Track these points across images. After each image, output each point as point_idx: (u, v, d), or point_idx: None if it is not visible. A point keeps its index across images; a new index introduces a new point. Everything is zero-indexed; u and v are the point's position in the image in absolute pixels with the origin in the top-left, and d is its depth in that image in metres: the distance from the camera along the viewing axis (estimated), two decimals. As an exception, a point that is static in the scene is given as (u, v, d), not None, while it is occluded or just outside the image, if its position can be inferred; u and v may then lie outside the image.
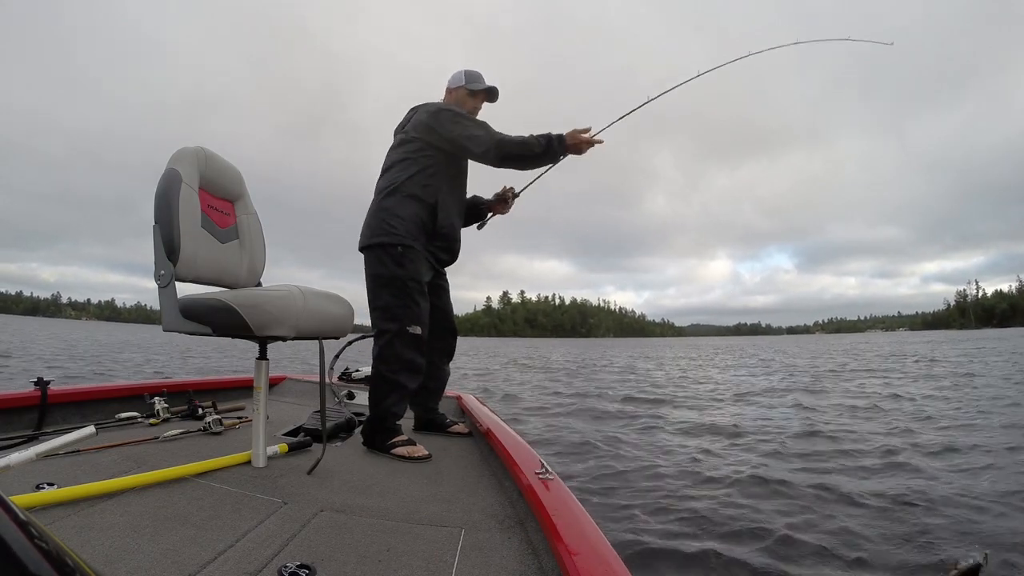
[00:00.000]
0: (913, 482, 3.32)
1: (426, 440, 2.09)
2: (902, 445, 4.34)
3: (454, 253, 2.25)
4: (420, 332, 2.00)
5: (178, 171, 1.58)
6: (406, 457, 1.87)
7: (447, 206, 2.15)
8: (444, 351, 2.33)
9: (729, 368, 15.18)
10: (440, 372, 2.32)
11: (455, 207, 2.21)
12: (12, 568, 0.23)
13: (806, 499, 3.00)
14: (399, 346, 1.98)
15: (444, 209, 2.14)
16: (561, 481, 1.36)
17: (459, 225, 2.26)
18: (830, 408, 6.72)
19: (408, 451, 1.89)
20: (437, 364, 2.28)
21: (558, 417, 6.14)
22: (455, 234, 2.22)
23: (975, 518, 2.66)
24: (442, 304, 2.28)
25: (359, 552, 1.10)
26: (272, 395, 3.09)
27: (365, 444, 1.98)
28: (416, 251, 2.06)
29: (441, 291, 2.30)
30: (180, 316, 1.49)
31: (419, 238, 2.08)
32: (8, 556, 0.23)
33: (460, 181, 2.26)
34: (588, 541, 1.02)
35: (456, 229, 2.23)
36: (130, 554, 1.00)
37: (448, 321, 2.33)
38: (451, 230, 2.19)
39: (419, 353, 2.02)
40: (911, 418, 5.77)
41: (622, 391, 8.91)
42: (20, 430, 1.91)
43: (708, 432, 5.16)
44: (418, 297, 2.03)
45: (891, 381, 10.09)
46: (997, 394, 7.52)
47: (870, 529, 2.56)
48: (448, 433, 2.29)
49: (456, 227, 2.23)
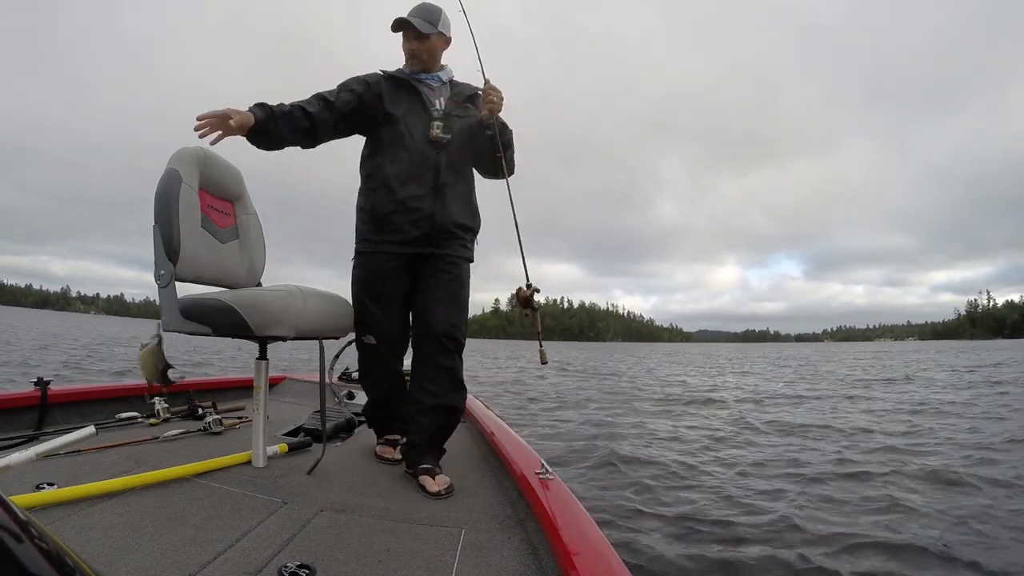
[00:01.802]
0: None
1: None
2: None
3: (424, 221, 1.68)
4: (374, 342, 1.77)
5: (178, 171, 1.57)
6: (378, 456, 1.88)
7: (383, 176, 1.70)
8: (427, 369, 1.70)
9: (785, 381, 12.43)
10: (422, 396, 1.68)
11: (400, 169, 1.70)
12: (12, 568, 0.23)
13: (809, 499, 3.00)
14: (359, 354, 1.87)
15: (378, 180, 1.71)
16: (561, 481, 1.36)
17: (417, 189, 1.69)
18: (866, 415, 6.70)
19: (380, 450, 1.90)
20: (421, 386, 1.70)
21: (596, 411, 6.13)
22: (409, 201, 1.68)
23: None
24: (425, 299, 1.73)
25: (359, 552, 1.10)
26: (272, 395, 3.08)
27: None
28: (367, 253, 1.75)
29: (432, 279, 1.73)
30: (180, 316, 1.49)
31: (370, 234, 1.74)
32: (8, 556, 0.23)
33: (403, 143, 1.72)
34: (588, 541, 1.02)
35: (408, 193, 1.68)
36: (130, 554, 1.00)
37: (430, 324, 1.69)
38: (390, 198, 1.68)
39: (375, 363, 1.84)
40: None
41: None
42: (20, 430, 1.91)
43: (712, 432, 5.16)
44: (370, 303, 1.74)
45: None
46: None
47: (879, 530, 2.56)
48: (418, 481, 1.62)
49: (409, 191, 1.68)
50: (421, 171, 1.70)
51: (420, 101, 1.75)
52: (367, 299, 1.75)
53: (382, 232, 1.71)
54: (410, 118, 1.73)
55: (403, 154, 1.70)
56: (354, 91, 1.73)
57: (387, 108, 1.73)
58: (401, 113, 1.73)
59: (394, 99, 1.75)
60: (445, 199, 1.71)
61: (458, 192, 1.76)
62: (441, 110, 1.76)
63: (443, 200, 1.70)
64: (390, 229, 1.69)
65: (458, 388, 1.72)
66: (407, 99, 1.76)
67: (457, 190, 1.76)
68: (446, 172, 1.71)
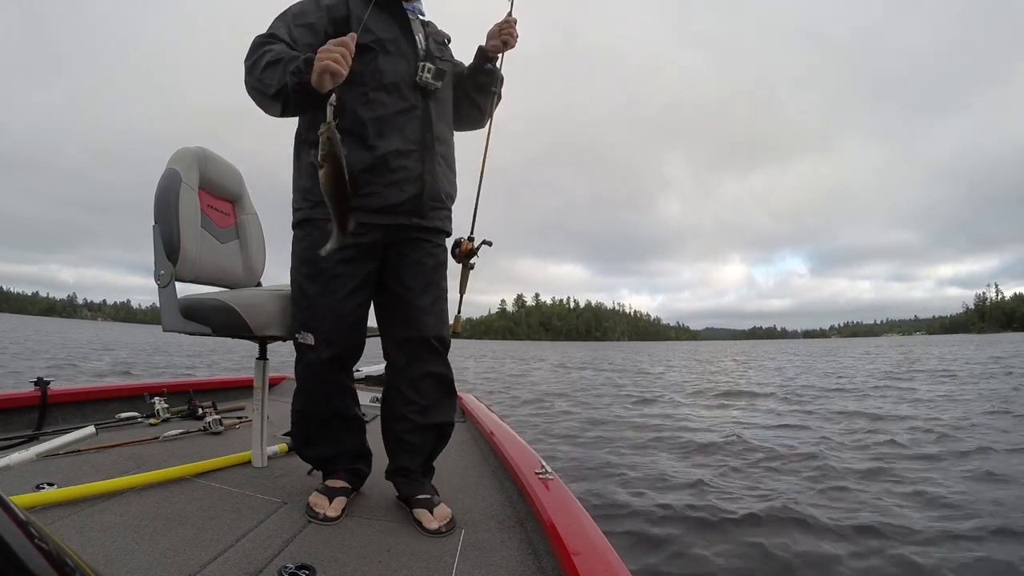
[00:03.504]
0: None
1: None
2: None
3: (411, 184, 1.33)
4: (311, 343, 1.34)
5: (178, 171, 1.58)
6: (309, 506, 1.30)
7: (354, 121, 1.29)
8: (413, 379, 1.38)
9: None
10: (409, 412, 1.38)
11: (378, 115, 1.31)
12: (12, 568, 0.23)
13: (815, 501, 2.99)
14: (295, 361, 1.41)
15: (344, 126, 1.23)
16: (561, 481, 1.36)
17: (400, 143, 1.31)
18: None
19: (313, 500, 1.31)
20: (407, 400, 1.39)
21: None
22: (391, 158, 1.30)
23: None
24: (407, 292, 1.38)
25: (359, 552, 1.10)
26: (272, 395, 3.09)
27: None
28: (317, 221, 1.30)
29: (416, 265, 1.39)
30: (180, 316, 1.49)
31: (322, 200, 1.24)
32: (8, 556, 0.23)
33: (382, 82, 1.32)
34: (588, 541, 1.02)
35: (391, 148, 1.30)
36: (130, 554, 1.00)
37: (415, 324, 1.37)
38: (364, 152, 1.29)
39: (313, 375, 1.37)
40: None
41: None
42: (20, 430, 1.91)
43: (716, 434, 5.15)
44: (308, 285, 1.34)
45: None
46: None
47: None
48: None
49: (391, 144, 1.30)
50: (405, 121, 1.32)
51: (403, 30, 1.36)
52: (306, 281, 1.34)
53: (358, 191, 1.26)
54: (393, 50, 1.32)
55: (382, 96, 1.30)
56: (314, 29, 1.29)
57: (360, 32, 1.20)
58: (376, 41, 1.30)
59: (372, 21, 1.29)
60: (435, 160, 1.37)
61: (446, 155, 1.43)
62: (424, 48, 1.39)
63: (432, 162, 1.36)
64: (363, 193, 1.27)
65: (450, 395, 1.44)
66: (388, 25, 1.34)
67: (445, 151, 1.43)
68: (437, 125, 1.38)
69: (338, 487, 1.35)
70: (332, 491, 1.33)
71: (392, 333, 1.41)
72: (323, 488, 1.35)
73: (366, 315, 1.40)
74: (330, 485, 1.36)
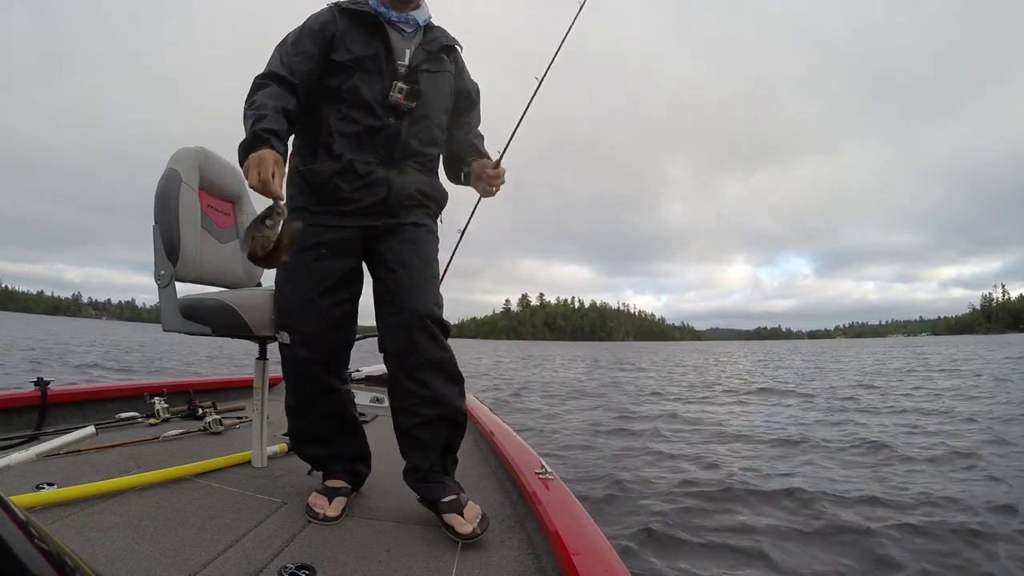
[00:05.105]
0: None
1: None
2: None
3: (379, 186, 1.34)
4: (287, 341, 1.35)
5: (178, 171, 1.58)
6: (309, 507, 1.32)
7: (327, 131, 1.35)
8: (413, 369, 1.31)
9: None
10: (417, 405, 1.31)
11: (349, 129, 1.34)
12: (12, 568, 0.23)
13: (815, 496, 2.99)
14: (281, 365, 1.42)
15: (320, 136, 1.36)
16: (561, 481, 1.36)
17: (369, 156, 1.34)
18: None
19: (313, 500, 1.33)
20: (411, 393, 1.32)
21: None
22: (357, 164, 1.32)
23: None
24: (390, 278, 1.35)
25: (359, 552, 1.10)
26: (272, 395, 3.09)
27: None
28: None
29: (398, 248, 1.36)
30: (180, 316, 1.49)
31: (308, 203, 1.35)
32: (8, 556, 0.23)
33: (355, 99, 1.34)
34: (588, 541, 1.02)
35: (357, 157, 1.33)
36: (130, 554, 1.00)
37: (404, 305, 1.32)
38: (332, 159, 1.32)
39: (298, 375, 1.38)
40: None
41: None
42: (20, 430, 1.91)
43: (717, 434, 5.15)
44: (284, 283, 1.38)
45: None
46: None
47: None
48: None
49: (357, 156, 1.33)
50: (374, 140, 1.34)
51: (384, 48, 1.35)
52: (283, 281, 1.37)
53: (324, 201, 1.34)
54: (371, 68, 1.33)
55: (355, 113, 1.33)
56: (310, 55, 1.32)
57: (338, 55, 1.32)
58: (354, 60, 1.32)
59: (353, 39, 1.33)
60: (405, 168, 1.37)
61: (425, 163, 1.43)
62: (407, 64, 1.37)
63: (401, 168, 1.37)
64: (335, 199, 1.32)
65: (455, 382, 1.36)
66: (367, 42, 1.34)
67: (424, 160, 1.42)
68: (408, 143, 1.37)
69: (338, 487, 1.37)
70: (332, 491, 1.35)
71: (385, 320, 1.35)
72: (323, 488, 1.36)
73: (348, 314, 1.39)
74: (330, 485, 1.37)
